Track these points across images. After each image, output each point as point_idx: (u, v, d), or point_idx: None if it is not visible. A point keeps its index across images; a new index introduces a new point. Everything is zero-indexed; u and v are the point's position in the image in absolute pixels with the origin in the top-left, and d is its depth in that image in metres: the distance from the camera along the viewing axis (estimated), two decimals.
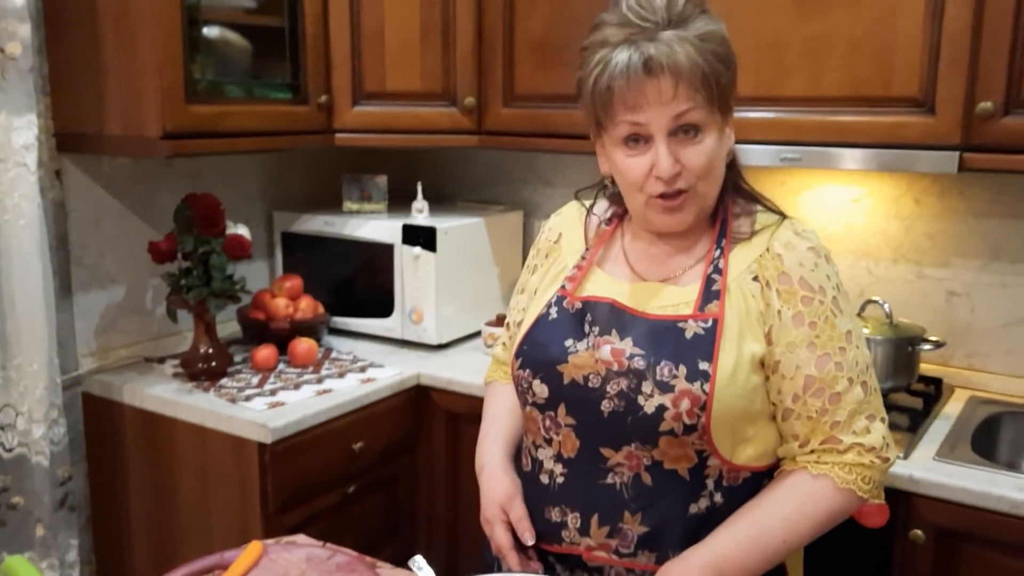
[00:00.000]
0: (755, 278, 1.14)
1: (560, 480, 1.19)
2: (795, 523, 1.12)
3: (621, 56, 1.09)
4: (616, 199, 1.30)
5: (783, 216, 1.21)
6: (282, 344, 2.24)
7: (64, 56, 1.94)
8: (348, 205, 2.51)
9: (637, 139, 1.13)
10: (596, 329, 1.17)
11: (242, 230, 2.10)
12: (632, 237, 1.27)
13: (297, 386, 2.07)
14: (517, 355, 1.23)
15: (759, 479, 1.18)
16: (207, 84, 1.94)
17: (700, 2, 1.13)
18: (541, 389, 1.19)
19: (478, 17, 2.23)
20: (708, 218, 1.21)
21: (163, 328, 2.28)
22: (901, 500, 1.64)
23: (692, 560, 1.10)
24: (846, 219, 2.19)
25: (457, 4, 2.22)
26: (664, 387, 1.10)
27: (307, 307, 2.34)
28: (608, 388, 1.14)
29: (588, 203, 1.34)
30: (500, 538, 1.22)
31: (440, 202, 2.67)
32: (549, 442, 1.21)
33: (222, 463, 1.94)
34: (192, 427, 1.96)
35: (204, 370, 2.08)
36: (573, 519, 1.18)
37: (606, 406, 1.14)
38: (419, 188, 2.40)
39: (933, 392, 2.01)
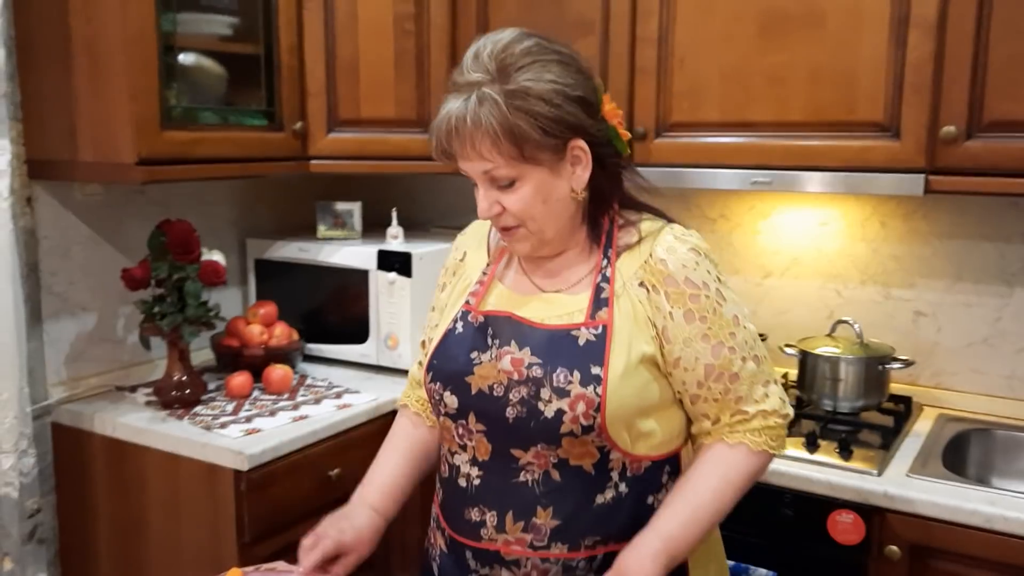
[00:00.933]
0: (641, 283, 1.22)
1: (476, 482, 1.26)
2: (723, 492, 1.22)
3: (443, 108, 1.18)
4: None
5: (667, 221, 1.29)
6: (256, 371, 2.22)
7: (36, 83, 1.93)
8: (322, 232, 2.51)
9: (472, 179, 1.22)
10: (497, 341, 1.24)
11: (217, 256, 2.09)
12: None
13: (273, 413, 2.06)
14: (428, 369, 1.30)
15: (660, 467, 1.25)
16: (182, 111, 1.94)
17: (542, 49, 1.18)
18: (451, 400, 1.26)
19: (451, 45, 2.26)
20: (592, 232, 1.28)
21: (134, 356, 2.26)
22: (876, 516, 1.67)
23: (643, 549, 1.16)
24: (814, 242, 2.23)
25: (431, 33, 2.25)
26: (561, 392, 1.17)
27: (281, 334, 2.33)
28: (511, 396, 1.20)
29: None
30: (305, 551, 1.33)
31: (413, 229, 2.68)
32: (464, 448, 1.28)
33: (196, 492, 1.91)
34: (165, 456, 1.93)
35: (177, 398, 2.06)
36: (491, 517, 1.24)
37: (510, 412, 1.21)
38: (394, 214, 2.41)
39: (903, 411, 2.05)
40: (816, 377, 1.99)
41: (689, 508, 1.20)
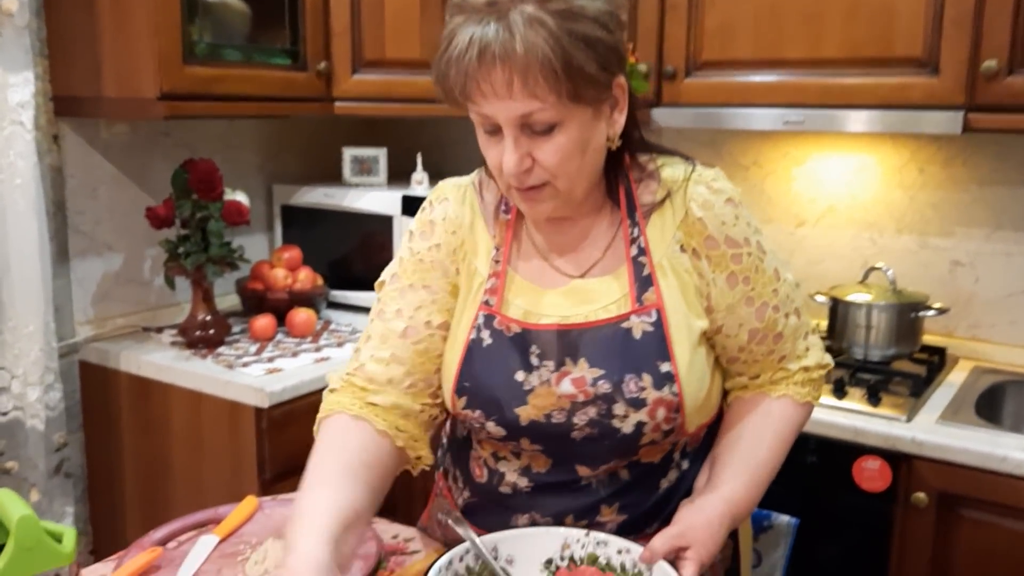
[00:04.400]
0: (682, 247, 1.07)
1: (527, 490, 1.13)
2: (776, 447, 1.14)
3: (463, 36, 0.93)
4: None
5: (687, 161, 1.10)
6: (280, 315, 2.22)
7: (62, 19, 1.93)
8: (347, 178, 2.50)
9: (490, 127, 0.99)
10: (548, 364, 1.06)
11: (240, 197, 2.08)
12: (535, 225, 1.12)
13: (295, 354, 2.06)
14: (459, 392, 1.09)
15: (712, 431, 1.18)
16: (205, 47, 1.92)
17: None
18: (497, 430, 1.09)
19: None
20: (606, 190, 1.09)
21: (161, 299, 2.27)
22: (903, 463, 1.62)
23: (710, 512, 1.06)
24: (850, 189, 2.17)
25: None
26: (636, 403, 1.04)
27: (306, 278, 2.33)
28: (575, 420, 1.06)
29: (474, 179, 1.17)
30: None
31: (439, 178, 2.64)
32: (517, 455, 1.12)
33: (218, 430, 1.92)
34: (188, 393, 1.95)
35: (202, 338, 2.07)
36: (545, 523, 1.13)
37: (577, 435, 1.07)
38: (419, 159, 2.39)
39: (936, 361, 1.99)
40: (847, 325, 1.93)
41: (750, 468, 1.10)
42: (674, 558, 1.03)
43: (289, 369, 1.95)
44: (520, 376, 1.07)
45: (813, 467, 1.71)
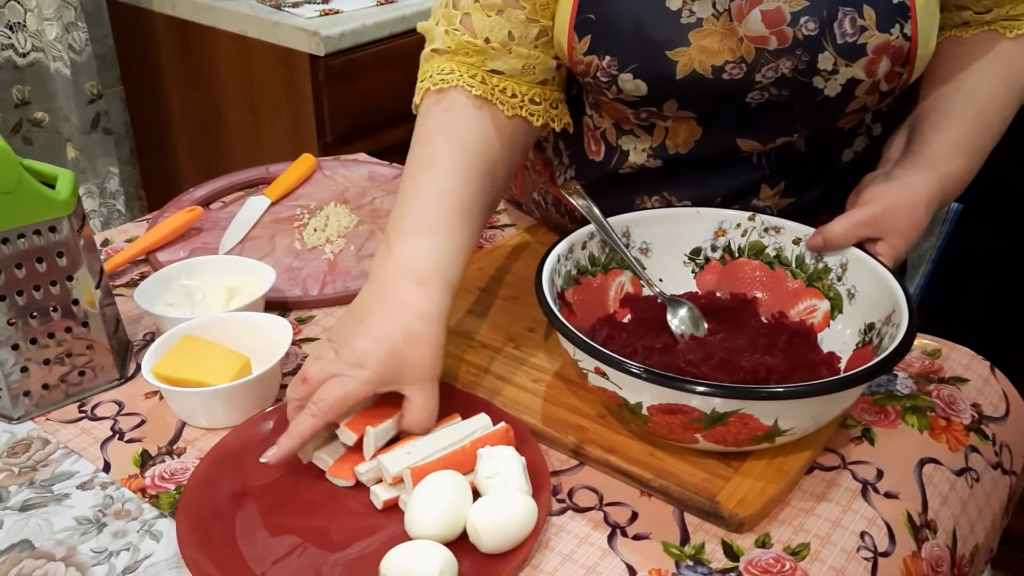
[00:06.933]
0: None
1: (657, 169, 0.85)
2: (1009, 104, 0.83)
3: None
4: None
5: None
6: None
7: None
8: None
9: None
10: None
11: None
12: None
13: None
14: (579, 29, 0.77)
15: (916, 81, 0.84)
16: None
17: None
18: (635, 86, 0.77)
19: None
20: None
21: None
22: None
23: (919, 191, 0.78)
24: None
25: None
26: (851, 51, 0.73)
27: None
28: (758, 76, 0.75)
29: None
30: (309, 424, 0.65)
31: None
32: (649, 129, 0.83)
33: (271, 82, 1.65)
34: (233, 37, 1.66)
35: None
36: (683, 206, 0.85)
37: (755, 98, 0.77)
38: None
39: None
40: None
41: (972, 131, 0.81)
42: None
43: (349, 11, 1.64)
44: (675, 2, 0.74)
45: None
